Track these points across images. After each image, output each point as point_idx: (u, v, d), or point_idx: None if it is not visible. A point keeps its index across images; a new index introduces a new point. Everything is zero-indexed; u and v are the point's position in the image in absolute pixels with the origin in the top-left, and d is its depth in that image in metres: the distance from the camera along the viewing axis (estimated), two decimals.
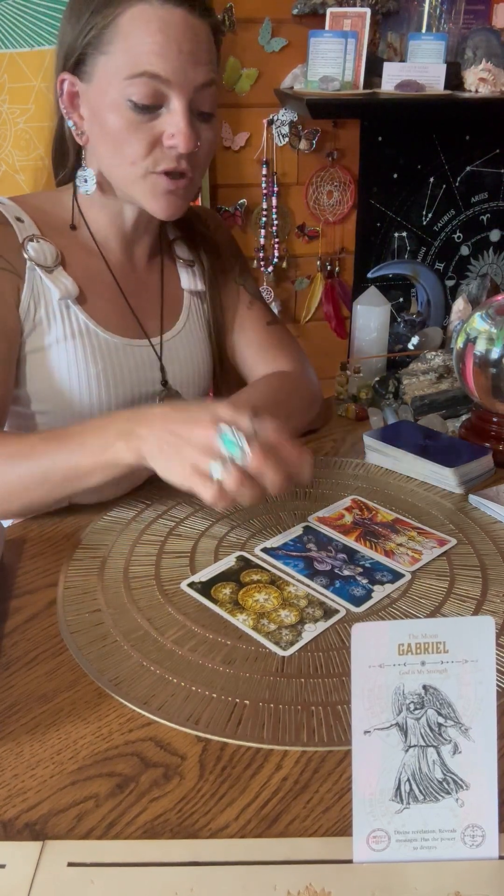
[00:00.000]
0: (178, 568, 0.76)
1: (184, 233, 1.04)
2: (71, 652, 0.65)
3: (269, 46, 1.83)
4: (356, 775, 0.46)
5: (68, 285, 0.89)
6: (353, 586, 0.73)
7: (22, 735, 0.57)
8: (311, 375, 1.06)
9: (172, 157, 0.83)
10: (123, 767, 0.54)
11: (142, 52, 0.79)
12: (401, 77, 1.75)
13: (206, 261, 1.03)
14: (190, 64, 0.80)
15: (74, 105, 0.86)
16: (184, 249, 1.03)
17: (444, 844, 0.47)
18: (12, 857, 0.47)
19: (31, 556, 0.79)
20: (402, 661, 0.46)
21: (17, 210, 0.91)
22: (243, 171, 1.93)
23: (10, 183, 1.72)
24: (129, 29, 0.79)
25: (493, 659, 0.47)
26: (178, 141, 0.81)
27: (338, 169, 1.98)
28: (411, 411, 1.10)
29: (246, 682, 0.61)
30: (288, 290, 2.08)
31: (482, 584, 0.74)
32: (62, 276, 0.90)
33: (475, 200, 2.10)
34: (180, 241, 1.04)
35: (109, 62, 0.80)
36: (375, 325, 1.24)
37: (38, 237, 0.90)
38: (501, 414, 0.97)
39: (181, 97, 0.80)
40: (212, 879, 0.46)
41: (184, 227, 1.04)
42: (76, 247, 0.93)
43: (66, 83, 0.85)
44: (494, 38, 1.82)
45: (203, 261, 1.03)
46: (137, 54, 0.79)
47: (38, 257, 0.89)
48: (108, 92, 0.81)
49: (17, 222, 0.90)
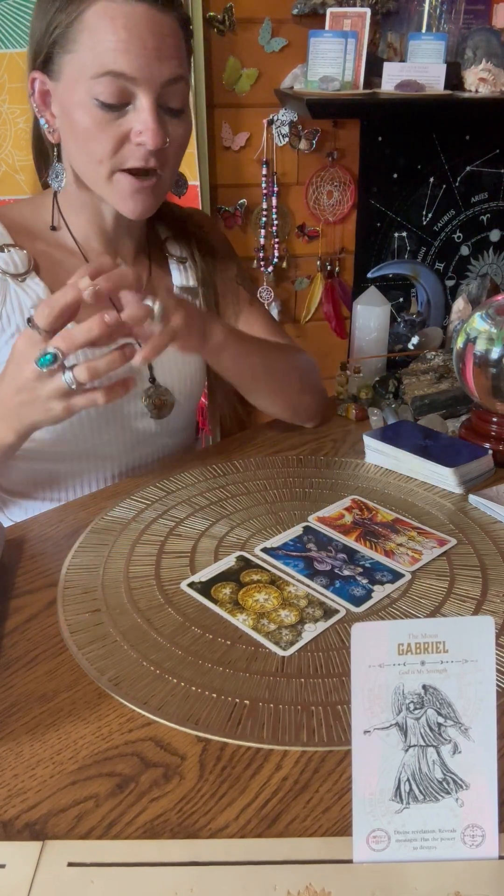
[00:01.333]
0: (178, 568, 0.76)
1: (175, 231, 1.04)
2: (71, 652, 0.65)
3: (269, 46, 1.83)
4: (356, 775, 0.46)
5: (39, 292, 0.90)
6: (353, 586, 0.73)
7: (22, 735, 0.57)
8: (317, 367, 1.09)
9: (140, 155, 0.82)
10: (123, 767, 0.54)
11: (106, 49, 0.78)
12: (401, 77, 1.75)
13: (200, 258, 1.03)
14: (155, 60, 0.79)
15: (46, 103, 0.86)
16: (176, 247, 1.03)
17: (444, 844, 0.47)
18: (12, 857, 0.47)
19: (31, 556, 0.79)
20: (402, 660, 0.46)
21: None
22: (243, 171, 1.93)
23: (10, 183, 1.72)
24: (92, 26, 0.78)
25: (492, 659, 0.47)
26: (146, 138, 0.80)
27: (338, 169, 1.98)
28: (411, 411, 1.10)
29: (246, 681, 0.61)
30: (288, 290, 2.08)
31: (482, 584, 0.74)
32: (34, 282, 0.90)
33: (475, 200, 2.10)
34: (172, 240, 1.04)
35: (75, 60, 0.80)
36: (375, 325, 1.24)
37: (9, 246, 0.90)
38: (501, 414, 0.97)
39: (148, 94, 0.80)
40: (212, 879, 0.46)
41: (175, 226, 1.04)
42: (57, 248, 0.93)
43: (37, 82, 0.85)
44: (494, 38, 1.82)
45: (196, 258, 1.03)
46: (102, 52, 0.78)
47: (7, 267, 0.89)
48: (75, 90, 0.81)
49: None
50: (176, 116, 0.84)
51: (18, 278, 0.89)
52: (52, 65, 0.82)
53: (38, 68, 0.84)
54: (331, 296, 2.08)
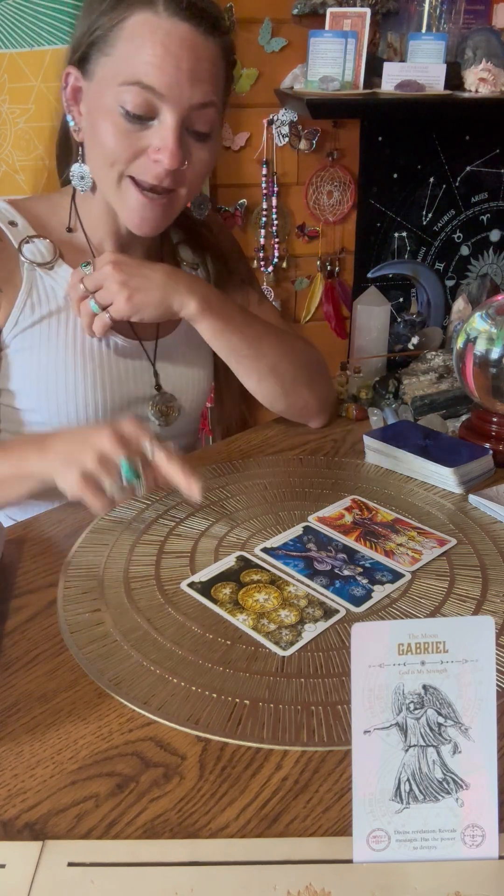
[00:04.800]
0: (178, 568, 0.76)
1: (188, 236, 1.03)
2: (71, 652, 0.65)
3: (269, 46, 1.83)
4: (356, 775, 0.46)
5: (68, 278, 0.90)
6: (353, 586, 0.73)
7: (22, 735, 0.57)
8: None
9: (155, 173, 0.82)
10: (123, 767, 0.54)
11: (140, 61, 0.78)
12: (401, 77, 1.75)
13: (212, 265, 1.03)
14: (187, 81, 0.78)
15: (76, 100, 0.86)
16: (188, 252, 1.03)
17: (444, 844, 0.47)
18: (12, 857, 0.47)
19: (31, 556, 0.79)
20: (402, 660, 0.46)
21: (11, 214, 0.91)
22: (243, 171, 1.93)
23: (10, 183, 1.72)
24: (132, 35, 0.78)
25: (493, 659, 0.47)
26: (163, 157, 0.80)
27: (338, 169, 1.98)
28: (411, 411, 1.10)
29: (246, 681, 0.61)
30: (288, 290, 2.08)
31: (482, 584, 0.74)
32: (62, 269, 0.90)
33: (475, 200, 2.10)
34: (184, 244, 1.03)
35: (109, 64, 0.80)
36: (375, 325, 1.24)
37: (33, 237, 0.90)
38: (501, 414, 0.97)
39: (173, 113, 0.79)
40: (212, 879, 0.46)
41: (189, 231, 1.03)
42: (72, 249, 0.93)
43: (71, 76, 0.85)
44: (494, 38, 1.82)
45: (209, 265, 1.03)
46: (135, 63, 0.78)
47: (34, 257, 0.89)
48: (104, 94, 0.81)
49: (10, 227, 0.90)
50: (201, 140, 0.84)
51: (46, 266, 0.90)
52: (87, 64, 0.82)
53: (74, 64, 0.84)
54: (331, 296, 2.09)
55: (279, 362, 0.97)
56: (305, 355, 1.02)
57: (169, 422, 1.00)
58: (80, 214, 0.94)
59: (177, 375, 1.00)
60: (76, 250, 0.93)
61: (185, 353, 1.01)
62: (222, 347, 0.94)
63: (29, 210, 0.93)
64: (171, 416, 1.00)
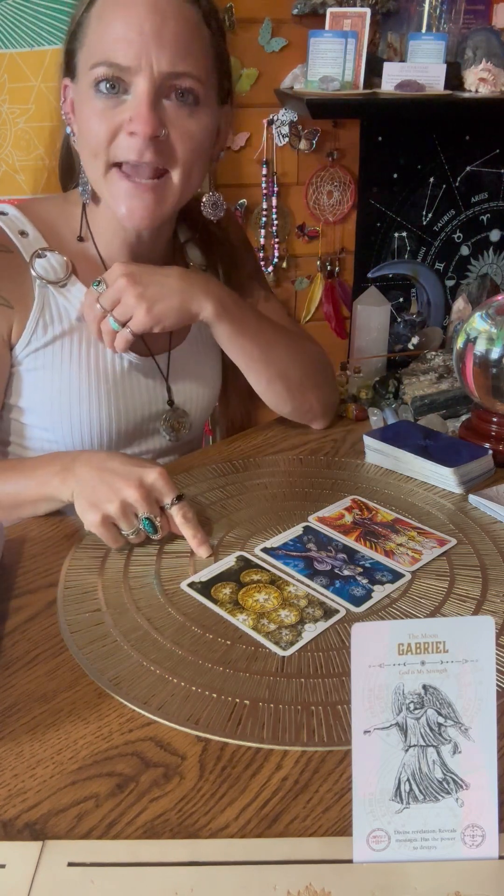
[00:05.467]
0: (178, 568, 0.76)
1: (198, 235, 1.00)
2: (71, 652, 0.65)
3: (269, 46, 1.83)
4: (356, 775, 0.46)
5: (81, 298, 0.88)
6: (353, 586, 0.73)
7: (22, 735, 0.57)
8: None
9: (134, 146, 0.77)
10: (123, 767, 0.54)
11: (108, 39, 0.76)
12: (401, 77, 1.75)
13: (222, 268, 1.00)
14: (155, 46, 0.75)
15: (74, 110, 0.83)
16: (198, 254, 1.01)
17: (444, 844, 0.47)
18: (12, 857, 0.47)
19: (31, 556, 0.79)
20: (402, 660, 0.46)
21: (22, 223, 0.88)
22: (243, 171, 1.93)
23: (10, 183, 1.72)
24: (99, 16, 0.77)
25: (493, 659, 0.47)
26: (136, 125, 0.76)
27: (338, 169, 1.98)
28: (411, 411, 1.10)
29: (246, 681, 0.61)
30: (288, 290, 2.08)
31: (482, 584, 0.74)
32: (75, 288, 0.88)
33: (475, 200, 2.10)
34: (193, 244, 1.00)
35: (84, 54, 0.79)
36: (375, 325, 1.24)
37: (46, 250, 0.87)
38: (501, 414, 0.97)
39: (143, 82, 0.76)
40: (212, 879, 0.46)
41: (199, 229, 1.00)
42: (83, 260, 0.90)
43: (68, 89, 0.84)
44: (494, 38, 1.82)
45: (218, 267, 1.00)
46: (104, 42, 0.76)
47: (46, 274, 0.87)
48: (81, 83, 0.79)
49: (21, 237, 0.87)
50: (185, 109, 0.79)
51: (59, 284, 0.88)
52: (71, 64, 0.81)
53: (65, 73, 0.83)
54: (331, 296, 2.09)
55: (288, 367, 0.97)
56: (313, 358, 1.01)
57: (179, 437, 1.00)
58: (91, 225, 0.91)
59: (188, 388, 0.99)
60: (88, 262, 0.91)
61: (197, 362, 1.00)
62: (235, 352, 0.93)
63: (40, 216, 0.90)
64: (182, 433, 1.00)
